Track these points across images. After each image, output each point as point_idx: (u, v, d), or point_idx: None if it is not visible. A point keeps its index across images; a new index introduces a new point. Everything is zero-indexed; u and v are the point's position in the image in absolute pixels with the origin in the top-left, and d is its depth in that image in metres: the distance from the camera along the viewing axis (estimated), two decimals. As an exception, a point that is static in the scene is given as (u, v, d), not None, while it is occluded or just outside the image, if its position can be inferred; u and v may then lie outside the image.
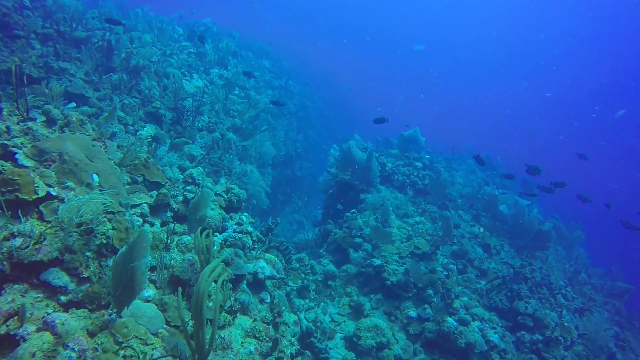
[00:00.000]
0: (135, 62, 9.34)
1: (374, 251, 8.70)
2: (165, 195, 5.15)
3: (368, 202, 10.17)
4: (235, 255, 5.34)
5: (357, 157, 10.60)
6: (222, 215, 5.93)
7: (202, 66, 12.91)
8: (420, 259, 8.88)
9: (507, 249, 11.00)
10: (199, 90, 10.73)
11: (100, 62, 8.72)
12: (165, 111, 8.79)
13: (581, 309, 8.79)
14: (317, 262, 9.03)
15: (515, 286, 8.38)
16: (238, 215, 6.42)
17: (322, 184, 12.88)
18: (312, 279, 8.52)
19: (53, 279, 3.50)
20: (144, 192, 5.22)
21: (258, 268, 5.64)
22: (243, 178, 9.64)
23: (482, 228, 11.19)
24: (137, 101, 8.59)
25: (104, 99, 8.15)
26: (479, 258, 9.49)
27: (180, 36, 14.62)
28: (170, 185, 5.86)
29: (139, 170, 5.43)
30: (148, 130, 7.76)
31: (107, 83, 8.50)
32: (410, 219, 10.18)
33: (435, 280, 7.92)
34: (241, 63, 15.97)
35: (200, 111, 10.14)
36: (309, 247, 10.48)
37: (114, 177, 4.75)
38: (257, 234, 6.25)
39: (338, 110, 35.76)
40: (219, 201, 6.25)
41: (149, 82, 9.29)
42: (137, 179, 5.34)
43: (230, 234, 5.75)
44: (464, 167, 15.83)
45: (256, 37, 25.71)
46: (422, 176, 11.94)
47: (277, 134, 14.55)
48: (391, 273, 8.12)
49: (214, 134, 9.78)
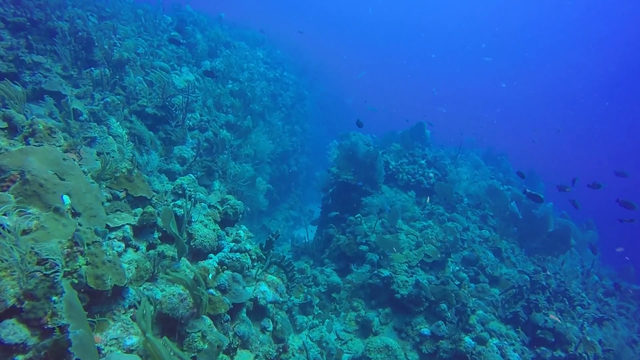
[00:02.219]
0: (119, 55, 8.51)
1: (382, 260, 8.08)
2: (152, 214, 4.44)
3: (373, 206, 9.53)
4: (233, 281, 4.68)
5: (360, 157, 9.92)
6: (217, 233, 5.24)
7: (192, 58, 12.06)
8: (430, 268, 8.29)
9: (518, 252, 10.45)
10: (190, 85, 9.94)
11: (79, 55, 7.90)
12: (153, 109, 8.02)
13: (601, 318, 8.28)
14: (319, 272, 8.41)
15: (532, 297, 7.82)
16: (235, 229, 5.73)
17: (321, 181, 12.22)
18: (315, 291, 7.90)
19: (7, 335, 2.81)
20: (127, 211, 4.51)
21: (259, 293, 4.98)
22: (239, 181, 8.94)
23: (492, 230, 10.63)
24: (122, 98, 7.80)
25: (84, 97, 7.37)
26: (491, 264, 8.91)
27: (169, 25, 13.69)
28: (157, 199, 5.14)
29: (121, 184, 4.71)
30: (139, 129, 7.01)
31: (88, 79, 7.70)
32: (418, 222, 9.56)
33: (449, 293, 7.33)
34: (234, 54, 15.10)
35: (192, 108, 9.37)
36: (310, 253, 9.86)
37: (90, 196, 4.03)
38: (256, 251, 5.59)
39: (334, 100, 34.92)
40: (213, 215, 5.56)
41: (135, 77, 8.49)
42: (118, 194, 4.63)
43: (226, 254, 5.08)
44: (469, 162, 15.22)
45: (249, 24, 24.72)
46: (428, 175, 11.30)
47: (273, 129, 13.79)
48: (401, 285, 7.51)
49: (206, 133, 9.03)
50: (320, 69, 34.25)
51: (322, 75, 33.99)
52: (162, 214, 4.34)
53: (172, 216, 4.33)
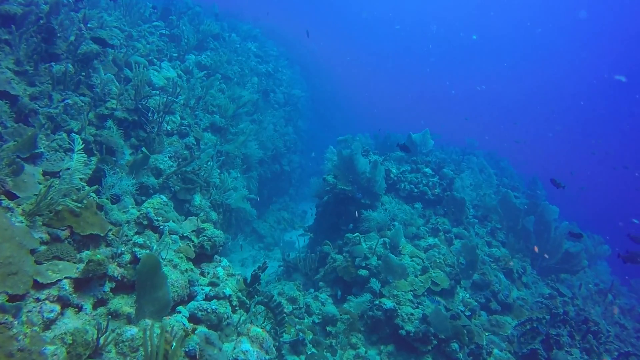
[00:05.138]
0: (86, 48, 7.39)
1: (384, 288, 7.16)
2: (100, 263, 3.44)
3: (373, 221, 8.59)
4: (207, 343, 3.70)
5: (359, 167, 8.95)
6: (188, 276, 4.25)
7: (175, 52, 10.93)
8: (438, 296, 7.38)
9: (530, 271, 9.60)
10: (171, 82, 8.86)
11: (37, 48, 6.79)
12: (124, 113, 6.95)
13: (627, 353, 7.46)
14: (313, 299, 7.47)
15: (552, 331, 6.96)
16: (212, 267, 4.74)
17: (315, 187, 11.26)
18: (309, 322, 6.96)
19: None
20: (68, 257, 3.50)
21: (239, 354, 4.01)
22: (224, 194, 7.93)
23: (500, 246, 9.77)
24: (87, 100, 6.72)
25: (40, 98, 6.28)
26: (504, 290, 8.04)
27: (152, 14, 12.47)
28: (115, 234, 4.12)
29: (63, 219, 3.69)
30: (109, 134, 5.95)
31: (47, 76, 6.60)
32: (422, 240, 8.64)
33: (461, 329, 6.42)
34: (223, 47, 13.97)
35: (172, 109, 8.30)
36: (303, 272, 8.91)
37: (10, 245, 3.02)
38: (238, 295, 4.61)
39: (329, 96, 33.85)
40: (186, 250, 4.56)
41: (105, 75, 7.39)
42: (58, 234, 3.61)
43: (200, 303, 4.09)
44: (472, 165, 14.33)
45: (243, 15, 23.52)
46: (432, 184, 10.36)
47: (264, 132, 12.73)
48: (406, 319, 6.59)
49: (186, 139, 7.98)
50: (314, 62, 33.15)
51: (316, 68, 32.89)
52: (142, 268, 3.34)
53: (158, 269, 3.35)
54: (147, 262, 3.52)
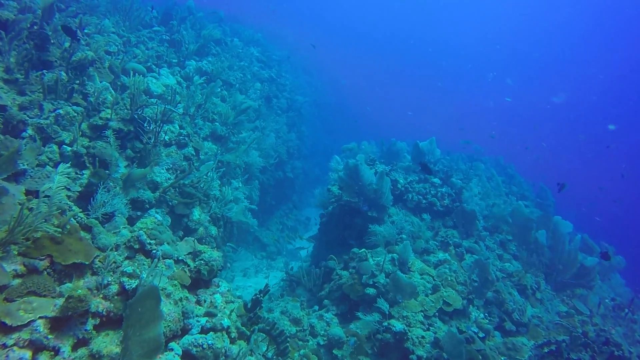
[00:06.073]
0: (81, 55, 7.06)
1: (393, 308, 6.76)
2: (81, 299, 3.07)
3: (380, 235, 8.20)
4: (201, 386, 3.32)
5: (365, 179, 8.55)
6: (182, 309, 3.87)
7: (175, 57, 10.60)
8: (450, 317, 6.98)
9: (544, 286, 9.16)
10: (169, 90, 8.52)
11: (29, 55, 6.46)
12: (119, 123, 6.60)
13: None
14: (317, 318, 7.08)
15: (573, 355, 6.53)
16: (209, 294, 4.36)
17: (320, 198, 10.87)
18: (313, 344, 6.57)
19: None
20: (46, 291, 3.13)
21: (238, 395, 3.63)
22: (224, 207, 7.57)
23: (512, 260, 9.35)
24: (80, 110, 6.38)
25: (30, 108, 5.95)
26: (519, 309, 7.62)
27: (153, 19, 12.15)
28: (101, 261, 3.76)
29: (41, 248, 3.32)
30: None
31: (38, 84, 6.26)
32: (432, 256, 8.23)
33: (475, 355, 6.01)
34: (225, 52, 13.64)
35: (170, 118, 7.96)
36: (307, 287, 8.52)
37: (-23, 283, 2.65)
38: (237, 324, 4.23)
39: (332, 101, 33.48)
40: (181, 277, 4.18)
41: (100, 83, 7.07)
42: (36, 265, 3.24)
43: (195, 338, 3.72)
44: (479, 172, 13.91)
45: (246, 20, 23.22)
46: (441, 195, 9.96)
47: (267, 140, 12.37)
48: (416, 343, 6.19)
49: (185, 150, 7.63)
50: (319, 67, 32.84)
51: (320, 72, 32.58)
52: (136, 303, 2.97)
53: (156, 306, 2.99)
54: (145, 295, 3.14)
